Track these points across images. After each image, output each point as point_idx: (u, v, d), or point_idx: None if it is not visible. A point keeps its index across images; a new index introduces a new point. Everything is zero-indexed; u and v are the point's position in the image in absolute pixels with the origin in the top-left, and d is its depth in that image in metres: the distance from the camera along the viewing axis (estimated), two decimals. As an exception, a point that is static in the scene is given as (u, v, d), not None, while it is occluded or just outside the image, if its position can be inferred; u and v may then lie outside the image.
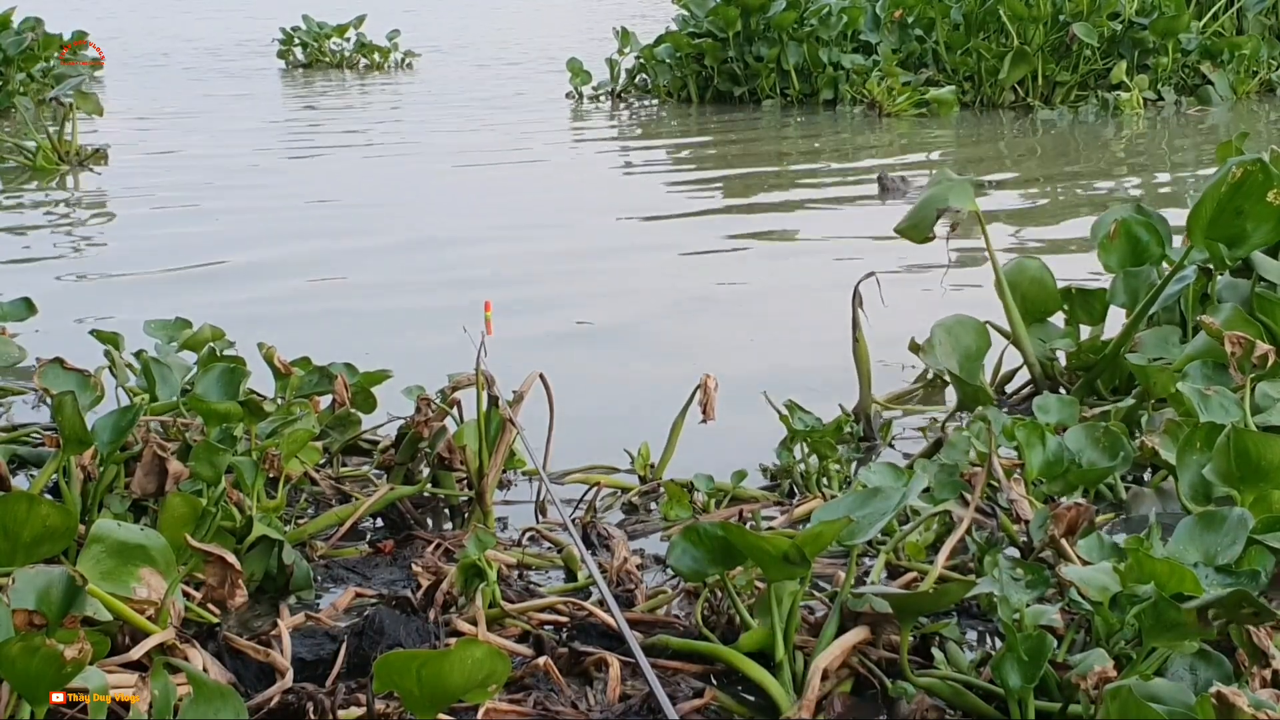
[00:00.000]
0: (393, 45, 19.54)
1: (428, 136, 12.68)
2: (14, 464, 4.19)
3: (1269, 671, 2.65)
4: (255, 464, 3.60)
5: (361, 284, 7.15)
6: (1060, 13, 13.18)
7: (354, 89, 17.57)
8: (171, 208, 9.48)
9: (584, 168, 11.38)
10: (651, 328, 6.23)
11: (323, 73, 19.20)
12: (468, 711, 2.80)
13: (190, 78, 18.34)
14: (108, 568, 2.97)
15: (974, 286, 6.03)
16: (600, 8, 28.26)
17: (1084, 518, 3.27)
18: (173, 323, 4.75)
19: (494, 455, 3.78)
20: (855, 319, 4.56)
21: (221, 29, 25.60)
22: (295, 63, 19.68)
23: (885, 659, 2.98)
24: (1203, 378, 4.02)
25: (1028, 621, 2.79)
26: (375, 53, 19.56)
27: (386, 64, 19.47)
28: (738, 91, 14.13)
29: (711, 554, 2.99)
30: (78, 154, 10.97)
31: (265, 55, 20.33)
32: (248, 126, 13.50)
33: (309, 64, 19.62)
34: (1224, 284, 4.62)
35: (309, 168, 11.19)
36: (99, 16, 24.38)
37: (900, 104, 12.93)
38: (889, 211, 8.46)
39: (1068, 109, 13.00)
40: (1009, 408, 4.75)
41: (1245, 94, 13.55)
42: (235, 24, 26.38)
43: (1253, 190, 4.40)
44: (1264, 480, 3.25)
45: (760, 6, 13.61)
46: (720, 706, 2.93)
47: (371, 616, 3.10)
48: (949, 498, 3.56)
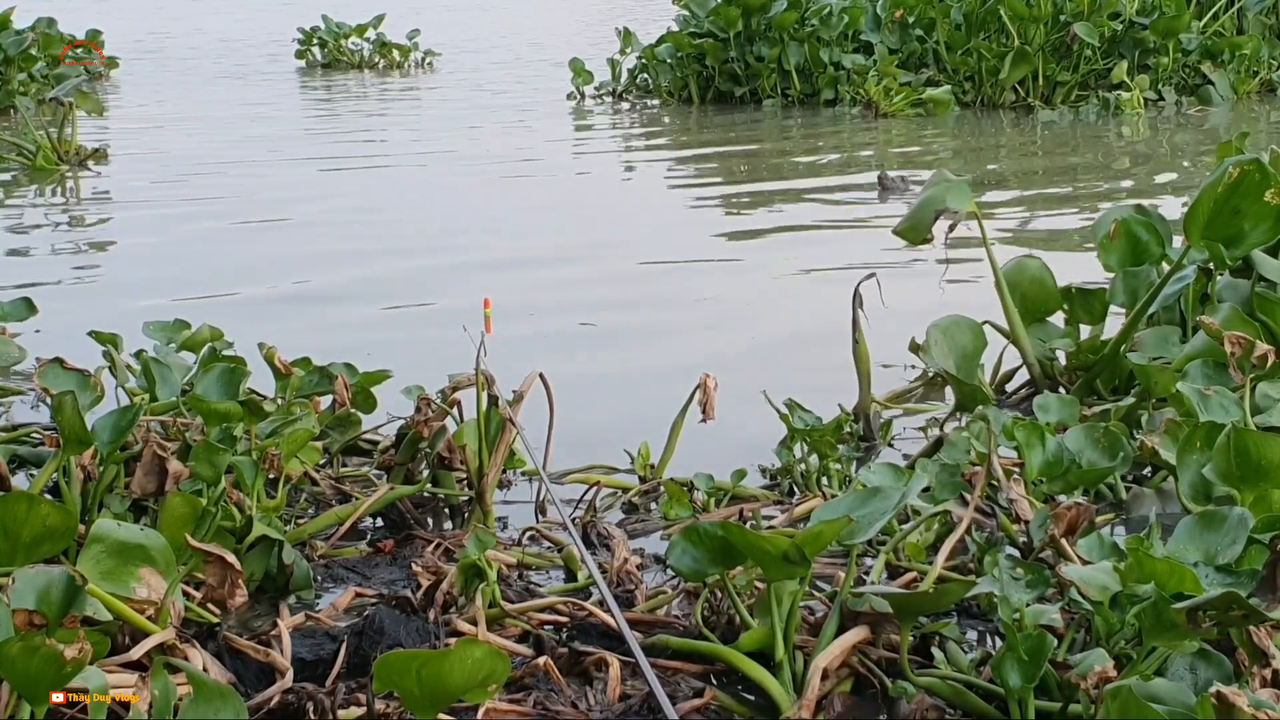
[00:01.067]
0: (413, 45, 19.33)
1: (458, 143, 12.46)
2: (14, 464, 4.19)
3: (1269, 671, 2.65)
4: (255, 464, 3.61)
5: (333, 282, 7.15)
6: (1061, 12, 13.18)
7: (374, 89, 17.39)
8: (173, 208, 9.47)
9: (585, 167, 11.39)
10: (651, 327, 6.23)
11: (342, 73, 18.95)
12: (468, 711, 2.80)
13: (206, 76, 18.15)
14: (108, 568, 2.97)
15: (976, 286, 6.03)
16: (602, 8, 28.22)
17: (1084, 517, 3.27)
18: (171, 323, 4.75)
19: (494, 455, 3.78)
20: (855, 319, 4.56)
21: (239, 27, 25.46)
22: (314, 62, 19.43)
23: (885, 659, 2.98)
24: (1203, 377, 4.02)
25: (1028, 621, 2.79)
26: (393, 51, 19.30)
27: (407, 64, 19.29)
28: (739, 92, 14.12)
29: (711, 554, 2.99)
30: (77, 154, 10.97)
31: (284, 55, 20.04)
32: (259, 129, 13.33)
33: (328, 64, 19.40)
34: (1224, 284, 4.62)
35: (339, 180, 10.77)
36: (116, 15, 24.34)
37: (896, 104, 12.92)
38: (889, 210, 8.48)
39: (1068, 109, 13.00)
40: (1009, 407, 4.75)
41: (1246, 94, 13.54)
42: (252, 23, 26.20)
43: (1250, 190, 4.40)
44: (1264, 480, 3.25)
45: (761, 6, 13.59)
46: (720, 706, 2.93)
47: (371, 616, 3.10)
48: (949, 497, 3.56)
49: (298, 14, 21.12)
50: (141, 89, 16.83)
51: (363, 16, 19.80)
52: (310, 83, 18.08)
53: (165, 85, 17.14)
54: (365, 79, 18.49)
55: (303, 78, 18.58)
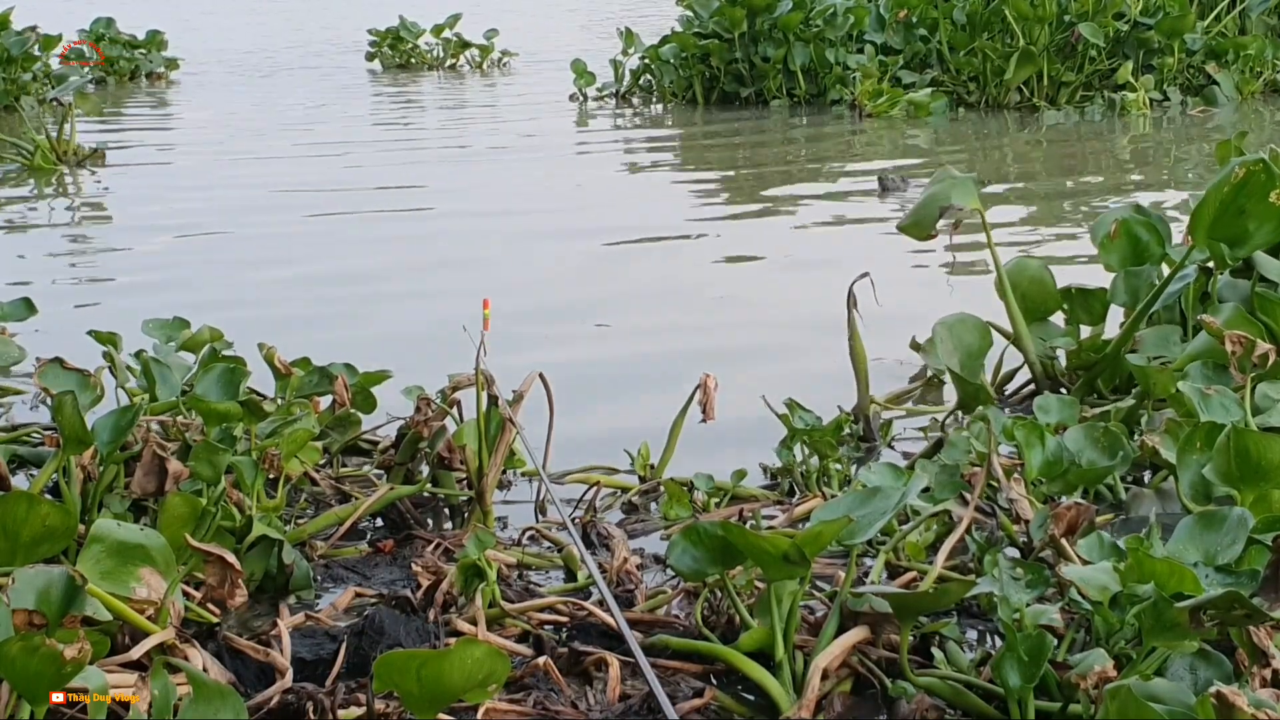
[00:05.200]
0: (490, 44, 18.99)
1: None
2: (14, 464, 4.19)
3: (1269, 671, 2.65)
4: (255, 464, 3.61)
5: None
6: (1065, 13, 13.17)
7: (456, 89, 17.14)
8: (172, 209, 9.47)
9: (593, 167, 11.39)
10: (651, 327, 6.23)
11: (419, 73, 18.63)
12: (468, 711, 2.80)
13: (276, 79, 17.87)
14: (108, 567, 2.97)
15: (973, 285, 6.03)
16: (601, 8, 28.14)
17: (1084, 517, 3.27)
18: (171, 322, 4.75)
19: (494, 455, 3.78)
20: (850, 320, 4.56)
21: (307, 29, 25.30)
22: (389, 63, 19.11)
23: (885, 659, 2.98)
24: (1203, 377, 4.01)
25: (1028, 621, 2.79)
26: (466, 50, 18.94)
27: (485, 64, 19.00)
28: (744, 93, 14.09)
29: (711, 553, 2.99)
30: (75, 154, 10.98)
31: (353, 56, 19.78)
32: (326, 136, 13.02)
33: (403, 65, 19.12)
34: (1224, 283, 4.61)
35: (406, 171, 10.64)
36: (181, 15, 24.28)
37: (879, 104, 12.92)
38: (889, 210, 8.48)
39: (1074, 109, 12.99)
40: (1009, 407, 4.75)
41: (1250, 94, 13.53)
42: (321, 25, 26.03)
43: (1255, 190, 4.40)
44: (1264, 480, 3.25)
45: (766, 7, 13.56)
46: (720, 706, 2.93)
47: (371, 616, 3.10)
48: (949, 497, 3.56)
49: (366, 18, 20.68)
50: (203, 91, 16.70)
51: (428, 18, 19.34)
52: (382, 85, 17.72)
53: (215, 88, 16.96)
54: (440, 79, 18.20)
55: (374, 80, 18.20)
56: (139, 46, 17.84)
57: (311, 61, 19.92)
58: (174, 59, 18.06)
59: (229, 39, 22.95)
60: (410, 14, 19.52)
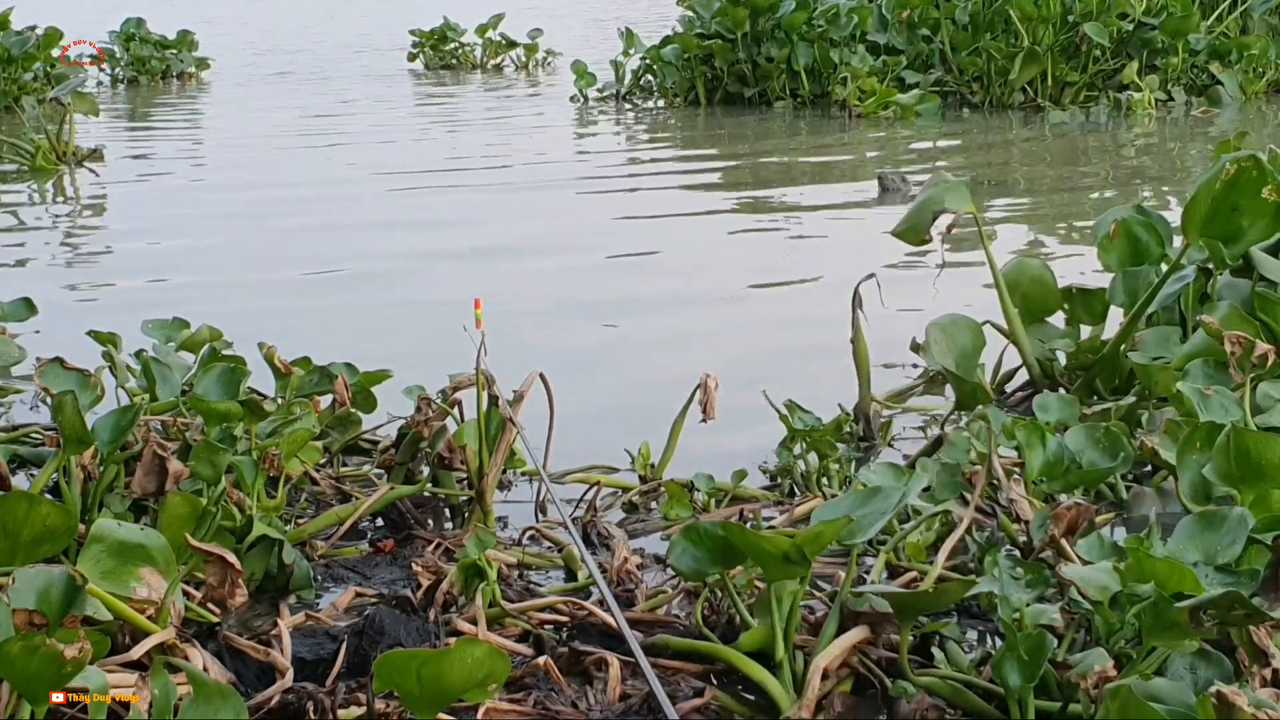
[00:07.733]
0: (535, 44, 18.89)
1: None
2: (14, 464, 4.19)
3: (1269, 671, 2.65)
4: (255, 463, 3.61)
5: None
6: (1070, 13, 13.16)
7: (506, 93, 16.97)
8: (176, 207, 9.48)
9: (590, 165, 11.39)
10: (652, 327, 6.23)
11: (462, 74, 18.56)
12: (468, 711, 2.80)
13: (308, 81, 17.83)
14: (108, 567, 2.97)
15: (978, 285, 6.03)
16: (600, 10, 28.08)
17: (1084, 517, 3.27)
18: (171, 322, 4.75)
19: (494, 455, 3.78)
20: (855, 320, 4.56)
21: (347, 30, 25.23)
22: (433, 64, 19.05)
23: (885, 658, 2.98)
24: (1203, 377, 4.01)
25: (1028, 621, 2.79)
26: (512, 50, 18.85)
27: (530, 63, 18.88)
28: (748, 93, 14.07)
29: (712, 553, 2.99)
30: (75, 154, 10.98)
31: (396, 57, 19.72)
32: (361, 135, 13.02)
33: (446, 65, 19.06)
34: (1224, 283, 4.61)
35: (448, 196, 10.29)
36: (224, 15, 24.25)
37: (868, 104, 12.92)
38: (890, 210, 8.48)
39: (1078, 109, 12.97)
40: (1009, 407, 4.75)
41: (1254, 94, 13.52)
42: (359, 26, 25.94)
43: (1247, 186, 4.40)
44: (1264, 480, 3.25)
45: (770, 7, 13.55)
46: (720, 706, 2.93)
47: (371, 616, 3.10)
48: (949, 497, 3.56)
49: (410, 18, 20.57)
50: (229, 91, 16.66)
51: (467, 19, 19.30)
52: (423, 85, 17.65)
53: (243, 88, 16.91)
54: (479, 79, 18.10)
55: (416, 80, 18.11)
56: (169, 46, 17.85)
57: (351, 61, 19.90)
58: (204, 59, 18.07)
59: (271, 39, 22.95)
60: (452, 15, 19.49)
